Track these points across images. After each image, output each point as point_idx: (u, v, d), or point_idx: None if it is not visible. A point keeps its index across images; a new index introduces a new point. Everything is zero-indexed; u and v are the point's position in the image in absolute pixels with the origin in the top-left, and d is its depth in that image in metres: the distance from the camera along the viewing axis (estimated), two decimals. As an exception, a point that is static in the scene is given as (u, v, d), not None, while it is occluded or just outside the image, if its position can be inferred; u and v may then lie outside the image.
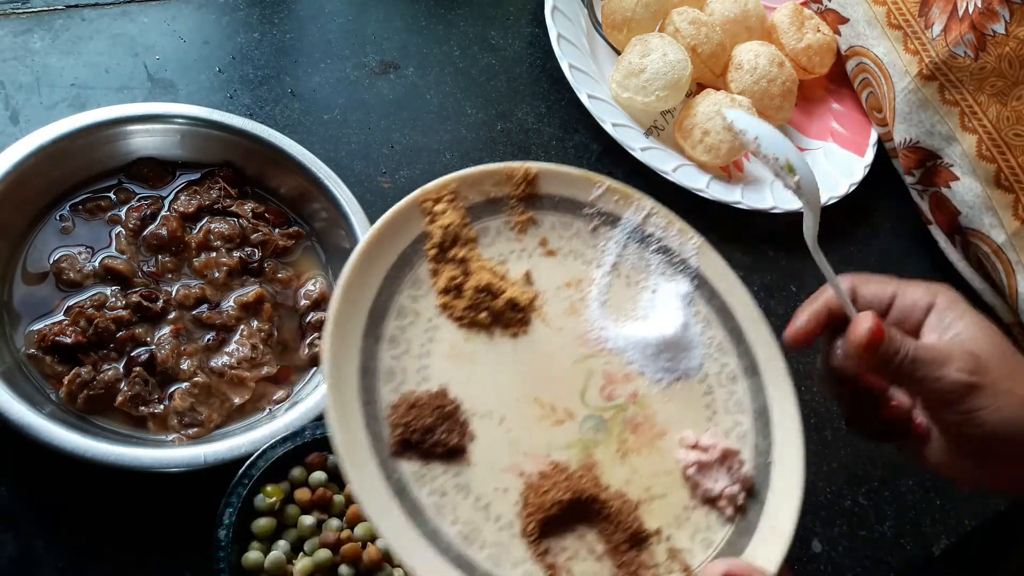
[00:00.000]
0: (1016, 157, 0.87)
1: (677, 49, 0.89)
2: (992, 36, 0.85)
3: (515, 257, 0.55)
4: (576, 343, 0.54)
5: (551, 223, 0.56)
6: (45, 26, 0.77)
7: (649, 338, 0.55)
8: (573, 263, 0.57)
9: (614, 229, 0.58)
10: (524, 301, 0.53)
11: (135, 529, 0.57)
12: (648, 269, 0.58)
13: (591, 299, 0.56)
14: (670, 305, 0.57)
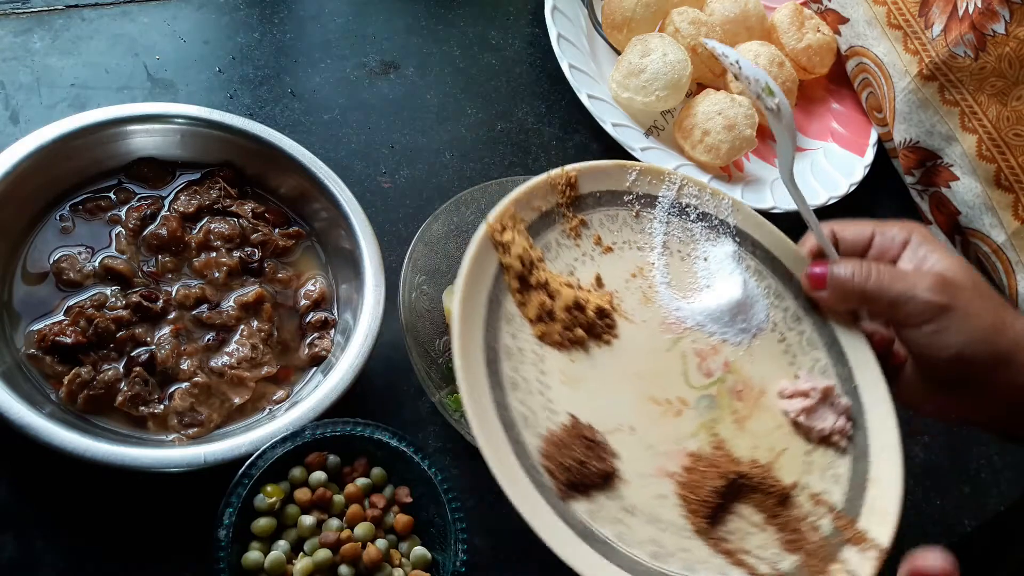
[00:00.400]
0: (1016, 157, 0.87)
1: (677, 49, 0.89)
2: (992, 36, 0.85)
3: (580, 264, 0.56)
4: (661, 331, 0.56)
5: (599, 220, 0.58)
6: (45, 26, 0.77)
7: (720, 306, 0.58)
8: (630, 253, 0.58)
9: (654, 209, 0.60)
10: (608, 306, 0.55)
11: (135, 529, 0.57)
12: (695, 239, 0.60)
13: (657, 284, 0.58)
14: (725, 268, 0.60)
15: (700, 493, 0.50)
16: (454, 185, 0.81)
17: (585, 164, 0.57)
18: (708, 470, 0.51)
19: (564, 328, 0.52)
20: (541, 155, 0.87)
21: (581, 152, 0.89)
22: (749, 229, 0.61)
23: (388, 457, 0.58)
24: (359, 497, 0.56)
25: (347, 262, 0.67)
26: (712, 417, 0.55)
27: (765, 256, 0.61)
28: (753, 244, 0.61)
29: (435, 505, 0.57)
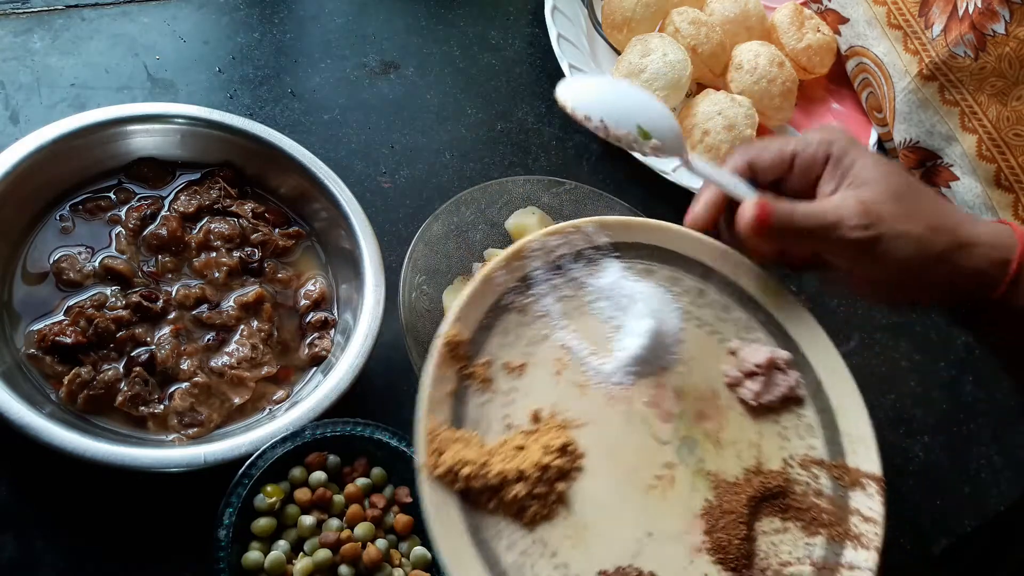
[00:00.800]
0: (1016, 157, 0.87)
1: (677, 49, 0.89)
2: (992, 36, 0.85)
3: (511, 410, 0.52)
4: (611, 411, 0.54)
5: (497, 345, 0.53)
6: (45, 26, 0.77)
7: (642, 343, 0.55)
8: (540, 351, 0.54)
9: (534, 288, 0.55)
10: (561, 437, 0.51)
11: (135, 529, 0.57)
12: (582, 285, 0.57)
13: (581, 362, 0.55)
14: (622, 292, 0.57)
15: (731, 549, 0.51)
16: (454, 185, 0.81)
17: (455, 308, 0.52)
18: (726, 520, 0.52)
19: (543, 499, 0.49)
20: (541, 155, 0.87)
21: (581, 152, 0.89)
22: (622, 236, 0.59)
23: (388, 457, 0.58)
24: (359, 497, 0.56)
25: (347, 262, 0.67)
26: (696, 458, 0.55)
27: (642, 249, 0.59)
28: (628, 244, 0.59)
29: (435, 505, 0.56)
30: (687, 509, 0.53)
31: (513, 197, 0.75)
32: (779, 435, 0.57)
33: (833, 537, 0.54)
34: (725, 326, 0.59)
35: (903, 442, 0.83)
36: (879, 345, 0.88)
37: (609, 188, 0.85)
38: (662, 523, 0.52)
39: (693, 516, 0.53)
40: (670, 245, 0.60)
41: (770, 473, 0.55)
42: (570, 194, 0.77)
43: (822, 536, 0.54)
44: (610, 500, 0.51)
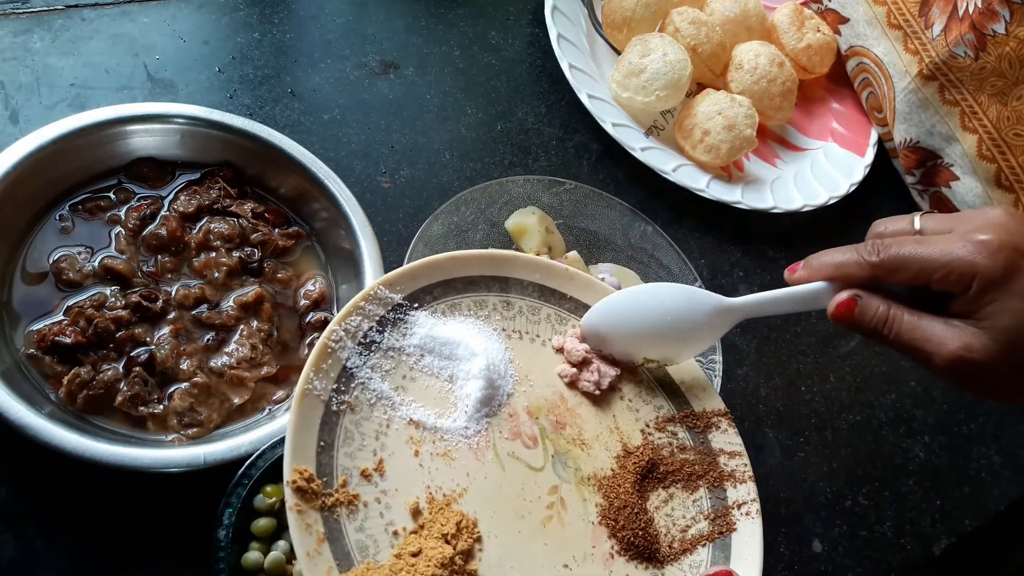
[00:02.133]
0: (1016, 157, 0.87)
1: (677, 49, 0.89)
2: (992, 36, 0.85)
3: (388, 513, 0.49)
4: (480, 462, 0.53)
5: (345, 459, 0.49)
6: (45, 26, 0.77)
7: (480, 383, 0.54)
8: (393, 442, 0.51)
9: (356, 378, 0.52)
10: (453, 525, 0.49)
11: (135, 529, 0.57)
12: (400, 351, 0.54)
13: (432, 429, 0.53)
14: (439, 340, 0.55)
15: (638, 540, 0.53)
16: (454, 185, 0.81)
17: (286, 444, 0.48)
18: (623, 516, 0.54)
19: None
20: (541, 155, 0.87)
21: (581, 152, 0.89)
22: (411, 286, 0.57)
23: (388, 457, 0.58)
24: (359, 497, 0.56)
25: (347, 262, 0.67)
26: (572, 469, 0.55)
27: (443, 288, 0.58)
28: (427, 292, 0.57)
29: (435, 505, 0.56)
30: (586, 523, 0.53)
31: (513, 197, 0.75)
32: (629, 408, 0.59)
33: (712, 484, 0.57)
34: (540, 327, 0.60)
35: (903, 442, 0.83)
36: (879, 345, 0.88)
37: (609, 188, 0.85)
38: (571, 549, 0.52)
39: (593, 527, 0.53)
40: (457, 273, 0.59)
41: (636, 449, 0.57)
42: (570, 194, 0.77)
43: (702, 488, 0.57)
44: (518, 553, 0.50)
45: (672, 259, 0.76)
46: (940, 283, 0.49)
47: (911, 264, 0.49)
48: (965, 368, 0.48)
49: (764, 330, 0.84)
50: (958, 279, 0.48)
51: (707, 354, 0.71)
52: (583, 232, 0.78)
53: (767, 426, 0.78)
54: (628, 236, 0.77)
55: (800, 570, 0.72)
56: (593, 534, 0.53)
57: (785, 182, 0.93)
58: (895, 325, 0.51)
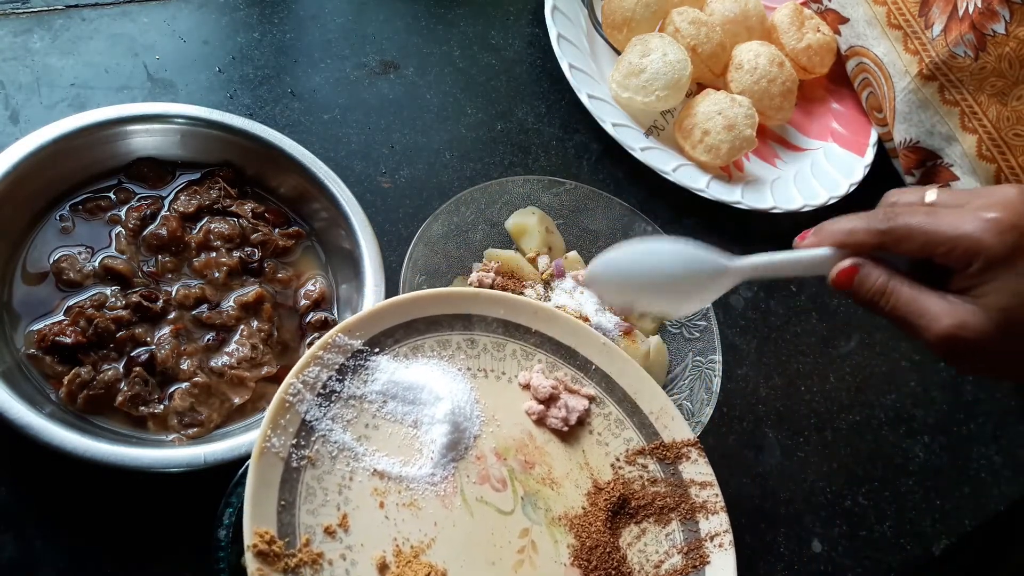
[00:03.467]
0: (1016, 157, 0.87)
1: (677, 49, 0.89)
2: (992, 36, 0.85)
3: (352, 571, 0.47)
4: (449, 510, 0.51)
5: (307, 516, 0.47)
6: (45, 26, 0.77)
7: (445, 428, 0.53)
8: (357, 495, 0.49)
9: (316, 431, 0.50)
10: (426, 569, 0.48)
11: (135, 529, 0.57)
12: (362, 399, 0.53)
13: (400, 478, 0.51)
14: (402, 384, 0.54)
15: (591, 540, 0.53)
16: (454, 185, 0.81)
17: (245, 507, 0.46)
18: (596, 556, 0.53)
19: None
20: (541, 155, 0.87)
21: (581, 152, 0.89)
22: (371, 329, 0.55)
23: (388, 457, 0.58)
24: (359, 497, 0.56)
25: (347, 262, 0.67)
26: (543, 510, 0.54)
27: (404, 330, 0.56)
28: (388, 335, 0.55)
29: (435, 505, 0.56)
30: (558, 565, 0.52)
31: (513, 197, 0.75)
32: (598, 443, 0.59)
33: (684, 516, 0.57)
34: (505, 364, 0.59)
35: (903, 442, 0.83)
36: (879, 345, 0.88)
37: (609, 188, 0.85)
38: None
39: (566, 568, 0.52)
40: (418, 314, 0.57)
41: (607, 485, 0.57)
42: (570, 194, 0.77)
43: (675, 521, 0.57)
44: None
45: (672, 259, 0.76)
46: (944, 257, 0.49)
47: (918, 235, 0.49)
48: (957, 345, 0.48)
49: (764, 330, 0.84)
50: (962, 254, 0.48)
51: (707, 354, 0.72)
52: (583, 232, 0.78)
53: (767, 426, 0.78)
54: (628, 236, 0.77)
55: (800, 570, 0.72)
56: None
57: (785, 182, 0.93)
58: (892, 297, 0.50)
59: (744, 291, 0.86)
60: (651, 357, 0.70)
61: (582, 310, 0.68)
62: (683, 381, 0.72)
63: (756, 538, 0.73)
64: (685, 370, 0.73)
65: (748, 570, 0.71)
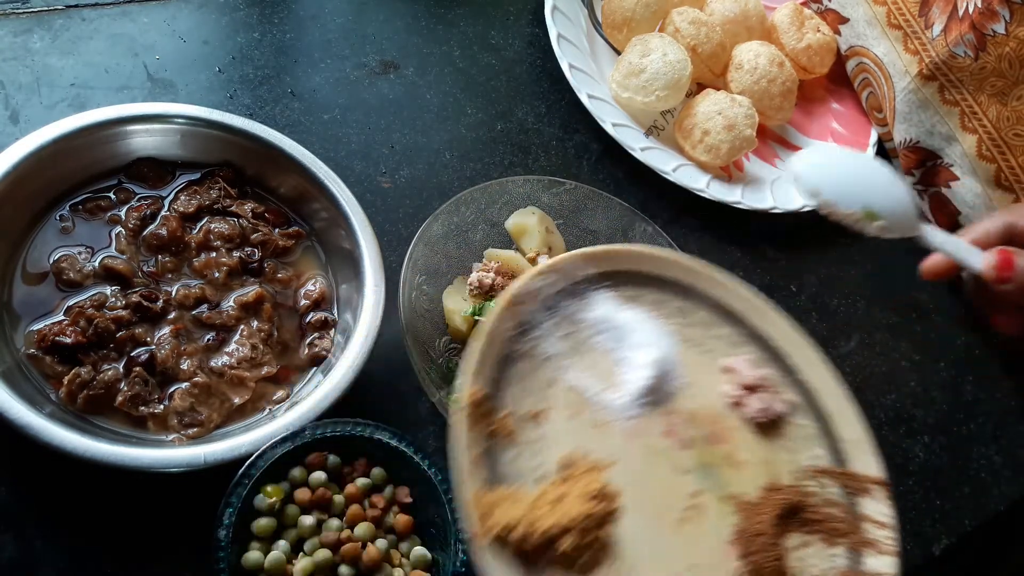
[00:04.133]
0: (1016, 157, 0.87)
1: (677, 49, 0.89)
2: (992, 36, 0.85)
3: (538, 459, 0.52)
4: (631, 447, 0.54)
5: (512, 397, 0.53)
6: (45, 26, 0.77)
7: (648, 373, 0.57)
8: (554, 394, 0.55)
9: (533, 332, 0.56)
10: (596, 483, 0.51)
11: (135, 529, 0.57)
12: (578, 321, 0.58)
13: (592, 401, 0.55)
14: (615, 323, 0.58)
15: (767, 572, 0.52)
16: (454, 185, 0.81)
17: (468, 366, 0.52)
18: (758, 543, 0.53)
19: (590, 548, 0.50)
20: (541, 155, 0.87)
21: (581, 152, 0.89)
22: (606, 266, 0.60)
23: (388, 457, 0.58)
24: (359, 497, 0.56)
25: (347, 262, 0.67)
26: (718, 483, 0.56)
27: (630, 277, 0.60)
28: (617, 276, 0.60)
29: (435, 505, 0.56)
30: (719, 538, 0.53)
31: (513, 197, 0.75)
32: (786, 448, 0.58)
33: (853, 546, 0.55)
34: (714, 343, 0.60)
35: (903, 442, 0.83)
36: (879, 345, 0.88)
37: (609, 188, 0.85)
38: (700, 555, 0.52)
39: (725, 544, 0.53)
40: (649, 268, 0.61)
41: (786, 489, 0.56)
42: (570, 194, 0.77)
43: (842, 546, 0.55)
44: (649, 540, 0.52)
45: (672, 259, 0.76)
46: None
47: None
48: None
49: (764, 330, 0.84)
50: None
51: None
52: (583, 232, 0.78)
53: (767, 426, 0.78)
54: (628, 236, 0.77)
55: (800, 570, 0.72)
56: (723, 551, 0.53)
57: (785, 182, 0.93)
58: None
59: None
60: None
61: None
62: (683, 381, 0.72)
63: (756, 538, 0.73)
64: (685, 370, 0.73)
65: (748, 570, 0.71)
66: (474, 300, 0.69)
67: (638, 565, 0.50)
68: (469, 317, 0.68)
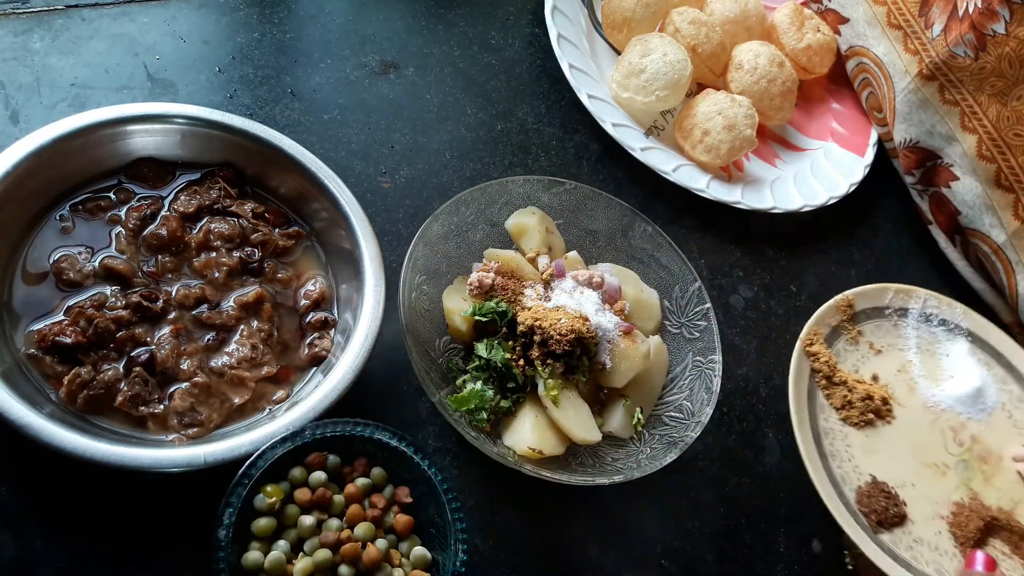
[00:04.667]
0: (1016, 157, 0.87)
1: (677, 49, 0.89)
2: (992, 36, 0.85)
3: (861, 364, 0.81)
4: (923, 413, 0.80)
5: (870, 330, 0.83)
6: (45, 26, 0.77)
7: (965, 392, 0.81)
8: (894, 353, 0.83)
9: (906, 318, 0.85)
10: (887, 395, 0.79)
11: (135, 529, 0.57)
12: (938, 340, 0.85)
13: (916, 376, 0.82)
14: (963, 361, 0.84)
15: (966, 531, 0.74)
16: (454, 185, 0.81)
17: (858, 289, 0.82)
18: (970, 515, 0.75)
19: (860, 413, 0.77)
20: (541, 155, 0.87)
21: (581, 152, 0.89)
22: (978, 331, 0.86)
23: (388, 457, 0.58)
24: (359, 497, 0.56)
25: (347, 262, 0.67)
26: (967, 476, 0.78)
27: (992, 351, 0.85)
28: (982, 342, 0.85)
29: (435, 505, 0.57)
30: (946, 493, 0.76)
31: (513, 197, 0.75)
32: None
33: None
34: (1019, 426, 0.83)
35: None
36: (879, 345, 0.88)
37: (609, 188, 0.85)
38: (926, 487, 0.76)
39: (948, 498, 0.76)
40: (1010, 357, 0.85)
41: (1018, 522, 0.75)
42: (570, 194, 0.77)
43: None
44: (898, 451, 0.77)
45: (672, 259, 0.76)
46: None
47: None
48: None
49: (764, 330, 0.84)
50: None
51: (707, 354, 0.72)
52: (583, 232, 0.78)
53: (767, 426, 0.78)
54: (628, 236, 0.77)
55: (800, 570, 0.72)
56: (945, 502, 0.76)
57: (785, 182, 0.93)
58: None
59: (744, 291, 0.86)
60: (651, 357, 0.70)
61: (582, 310, 0.68)
62: (683, 381, 0.72)
63: (756, 538, 0.73)
64: (685, 370, 0.73)
65: (748, 570, 0.71)
66: (474, 300, 0.69)
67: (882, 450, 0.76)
68: (469, 317, 0.68)
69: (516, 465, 0.62)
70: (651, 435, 0.69)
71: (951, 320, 0.85)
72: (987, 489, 0.78)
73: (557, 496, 0.67)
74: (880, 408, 0.78)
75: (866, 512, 0.72)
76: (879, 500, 0.73)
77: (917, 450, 0.78)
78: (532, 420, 0.65)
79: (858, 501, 0.73)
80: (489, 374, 0.67)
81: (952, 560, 0.72)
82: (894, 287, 0.84)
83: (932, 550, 0.73)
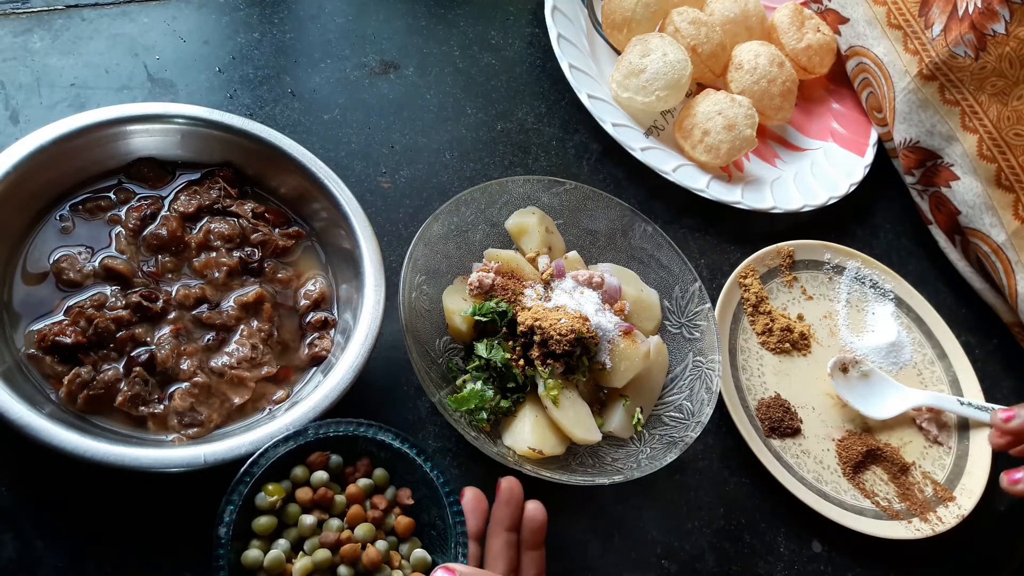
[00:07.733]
0: (1016, 157, 0.87)
1: (677, 49, 0.89)
2: (992, 36, 0.85)
3: (791, 304, 0.86)
4: (839, 354, 0.84)
5: (805, 278, 0.88)
6: (45, 26, 0.77)
7: (880, 344, 0.87)
8: (823, 303, 0.88)
9: (842, 276, 0.90)
10: (807, 332, 0.85)
11: (135, 529, 0.57)
12: (867, 299, 0.90)
13: (840, 325, 0.87)
14: (887, 320, 0.89)
15: (851, 452, 0.79)
16: (454, 185, 0.81)
17: (799, 241, 0.88)
18: (857, 441, 0.80)
19: (778, 341, 0.83)
20: (541, 155, 0.87)
21: (581, 152, 0.89)
22: (905, 297, 0.90)
23: (390, 458, 0.58)
24: (360, 498, 0.56)
25: (347, 262, 0.67)
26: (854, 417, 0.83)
27: (915, 317, 0.90)
28: (907, 307, 0.90)
29: (436, 507, 0.56)
30: (841, 422, 0.82)
31: (513, 197, 0.75)
32: (921, 452, 0.83)
33: (912, 511, 0.77)
34: (932, 388, 0.86)
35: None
36: (879, 345, 0.88)
37: (609, 188, 0.85)
38: (826, 412, 0.82)
39: (843, 427, 0.81)
40: (933, 328, 0.90)
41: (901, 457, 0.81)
42: (570, 194, 0.77)
43: (906, 504, 0.78)
44: (806, 379, 0.83)
45: (672, 259, 0.76)
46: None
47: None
48: None
49: (764, 330, 0.84)
50: None
51: (707, 354, 0.72)
52: (583, 232, 0.78)
53: (767, 426, 0.78)
54: (628, 236, 0.77)
55: (800, 570, 0.72)
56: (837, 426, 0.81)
57: (785, 182, 0.93)
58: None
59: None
60: (651, 357, 0.70)
61: (582, 310, 0.68)
62: (683, 381, 0.72)
63: (756, 538, 0.73)
64: (685, 370, 0.73)
65: (748, 570, 0.71)
66: (474, 300, 0.69)
67: (793, 381, 0.82)
68: (469, 317, 0.68)
69: (516, 465, 0.62)
70: (651, 435, 0.69)
71: (881, 285, 0.90)
72: (881, 428, 0.82)
73: (557, 496, 0.67)
74: (798, 341, 0.83)
75: (762, 419, 0.78)
76: (777, 412, 0.78)
77: (825, 382, 0.82)
78: (532, 420, 0.65)
79: (757, 409, 0.78)
80: (489, 374, 0.67)
81: (833, 474, 0.77)
82: (833, 247, 0.89)
83: (817, 463, 0.78)
